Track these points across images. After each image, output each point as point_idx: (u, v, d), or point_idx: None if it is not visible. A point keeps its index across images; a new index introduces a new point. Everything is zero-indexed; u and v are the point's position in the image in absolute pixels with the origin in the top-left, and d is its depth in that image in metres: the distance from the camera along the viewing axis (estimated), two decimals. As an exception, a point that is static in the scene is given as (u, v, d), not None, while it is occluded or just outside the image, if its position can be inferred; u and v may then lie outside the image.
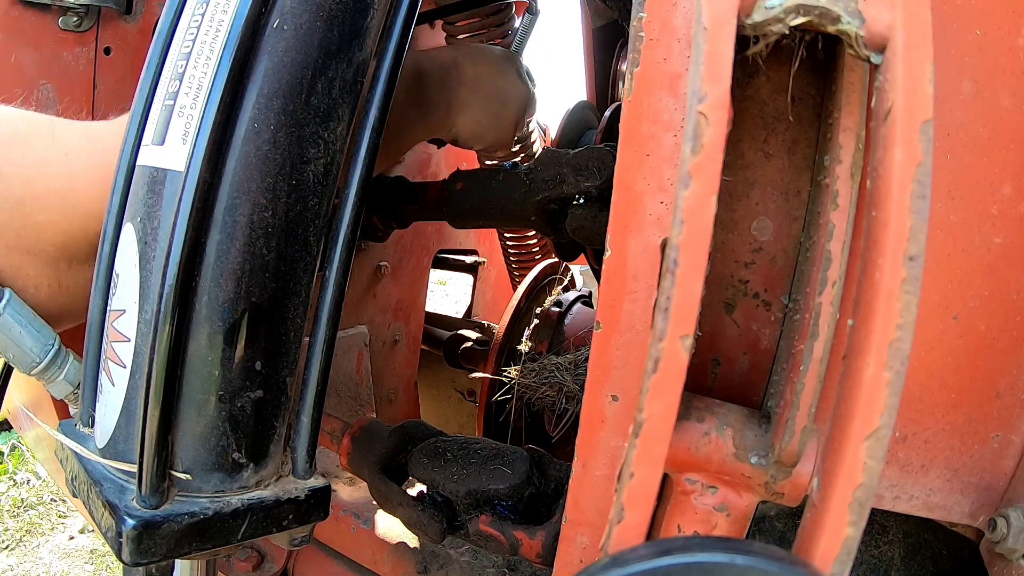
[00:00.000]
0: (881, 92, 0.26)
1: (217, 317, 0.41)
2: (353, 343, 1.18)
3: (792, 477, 0.31)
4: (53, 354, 0.52)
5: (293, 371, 0.45)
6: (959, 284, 0.40)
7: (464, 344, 1.26)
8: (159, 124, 0.42)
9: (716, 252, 0.36)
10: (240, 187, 0.41)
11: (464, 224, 0.81)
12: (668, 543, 0.24)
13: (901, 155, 0.25)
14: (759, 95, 0.35)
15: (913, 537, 0.57)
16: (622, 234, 0.38)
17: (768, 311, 0.36)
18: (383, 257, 1.22)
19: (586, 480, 0.41)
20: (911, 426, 0.42)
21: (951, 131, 0.38)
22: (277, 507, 0.45)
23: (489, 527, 0.56)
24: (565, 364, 0.98)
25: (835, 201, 0.30)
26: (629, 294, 0.38)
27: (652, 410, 0.26)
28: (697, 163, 0.25)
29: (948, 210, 0.39)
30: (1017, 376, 0.42)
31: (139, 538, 0.39)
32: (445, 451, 0.63)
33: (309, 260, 0.44)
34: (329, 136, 0.43)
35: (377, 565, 0.81)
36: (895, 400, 0.25)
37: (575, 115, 0.90)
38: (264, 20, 0.41)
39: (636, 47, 0.37)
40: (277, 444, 0.46)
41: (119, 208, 0.44)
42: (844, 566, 0.25)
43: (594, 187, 0.62)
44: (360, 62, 0.44)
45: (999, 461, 0.43)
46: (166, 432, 0.41)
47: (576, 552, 0.43)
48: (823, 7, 0.26)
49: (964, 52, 0.38)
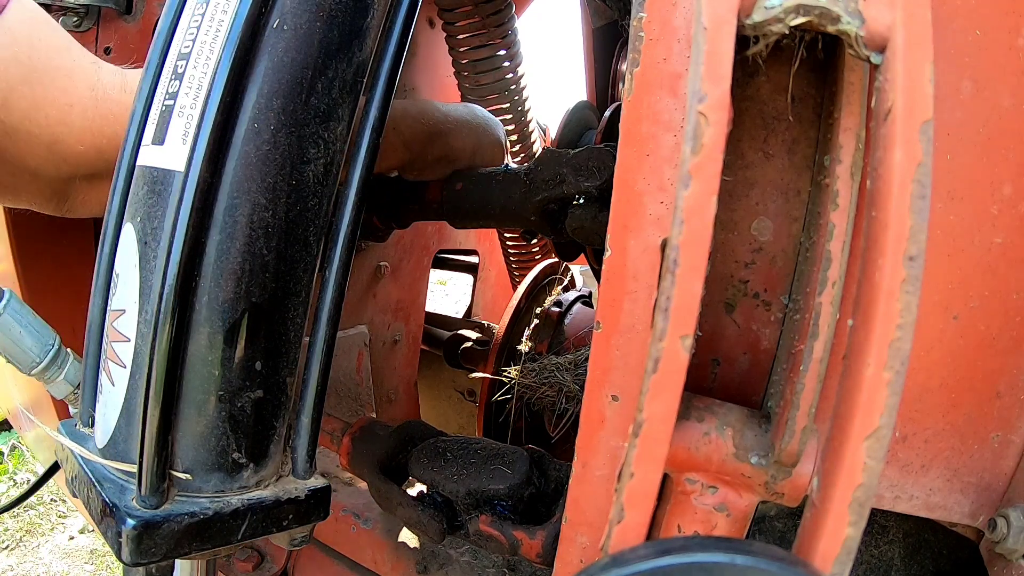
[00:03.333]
0: (881, 92, 0.26)
1: (217, 317, 0.41)
2: (353, 343, 1.18)
3: (792, 477, 0.31)
4: (53, 354, 0.52)
5: (293, 371, 0.45)
6: (959, 284, 0.40)
7: (464, 344, 1.26)
8: (159, 124, 0.42)
9: (716, 252, 0.36)
10: (240, 187, 0.41)
11: (464, 224, 0.81)
12: (668, 543, 0.24)
13: (901, 155, 0.25)
14: (759, 95, 0.35)
15: (913, 537, 0.57)
16: (622, 234, 0.38)
17: (768, 311, 0.36)
18: (383, 257, 1.22)
19: (586, 480, 0.41)
20: (911, 426, 0.41)
21: (951, 131, 0.38)
22: (277, 507, 0.45)
23: (489, 527, 0.56)
24: (565, 364, 0.98)
25: (835, 201, 0.30)
26: (629, 294, 0.38)
27: (652, 410, 0.26)
28: (697, 163, 0.25)
29: (948, 210, 0.39)
30: (1017, 376, 0.42)
31: (139, 538, 0.39)
32: (445, 451, 0.63)
33: (309, 260, 0.44)
34: (329, 136, 0.43)
35: (377, 565, 0.81)
36: (895, 400, 0.25)
37: (575, 115, 0.90)
38: (264, 20, 0.41)
39: (636, 47, 0.37)
40: (277, 444, 0.46)
41: (119, 208, 0.44)
42: (844, 566, 0.25)
43: (594, 187, 0.62)
44: (360, 62, 0.44)
45: (999, 461, 0.43)
46: (166, 432, 0.41)
47: (576, 552, 0.43)
48: (823, 7, 0.26)
49: (964, 52, 0.38)
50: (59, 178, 0.57)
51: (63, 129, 0.53)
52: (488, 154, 0.87)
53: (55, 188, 0.58)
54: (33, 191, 0.58)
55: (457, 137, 0.83)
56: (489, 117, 0.91)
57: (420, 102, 0.84)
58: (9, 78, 0.50)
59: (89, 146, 0.55)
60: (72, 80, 0.53)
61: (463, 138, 0.83)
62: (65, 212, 0.62)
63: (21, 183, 0.57)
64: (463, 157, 0.84)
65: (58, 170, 0.55)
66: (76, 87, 0.54)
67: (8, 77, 0.50)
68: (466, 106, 0.91)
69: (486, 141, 0.87)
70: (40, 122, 0.52)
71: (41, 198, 0.59)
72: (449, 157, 0.82)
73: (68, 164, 0.55)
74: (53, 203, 0.60)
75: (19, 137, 0.52)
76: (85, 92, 0.54)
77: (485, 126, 0.88)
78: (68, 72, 0.54)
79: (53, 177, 0.56)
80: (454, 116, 0.84)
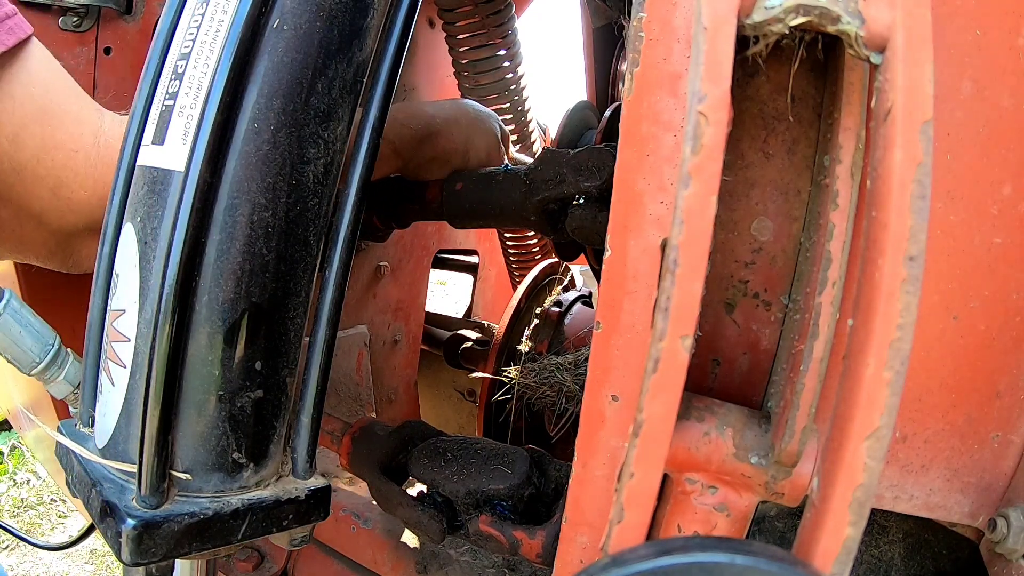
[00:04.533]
0: (881, 92, 0.26)
1: (217, 317, 0.41)
2: (353, 343, 1.18)
3: (792, 477, 0.31)
4: (53, 354, 0.52)
5: (293, 371, 0.45)
6: (959, 284, 0.40)
7: (464, 344, 1.26)
8: (159, 124, 0.42)
9: (716, 252, 0.36)
10: (240, 187, 0.41)
11: (464, 224, 0.81)
12: (668, 543, 0.24)
13: (901, 155, 0.25)
14: (759, 95, 0.35)
15: (913, 537, 0.57)
16: (622, 234, 0.38)
17: (768, 311, 0.36)
18: (383, 257, 1.22)
19: (586, 480, 0.41)
20: (911, 426, 0.42)
21: (951, 131, 0.38)
22: (277, 507, 0.45)
23: (489, 527, 0.56)
24: (565, 364, 0.98)
25: (835, 201, 0.30)
26: (629, 294, 0.38)
27: (652, 410, 0.26)
28: (697, 163, 0.25)
29: (948, 210, 0.39)
30: (1017, 376, 0.42)
31: (139, 538, 0.39)
32: (445, 451, 0.63)
33: (309, 260, 0.44)
34: (329, 136, 0.43)
35: (377, 565, 0.81)
36: (895, 400, 0.25)
37: (575, 115, 0.90)
38: (264, 20, 0.41)
39: (636, 47, 0.37)
40: (277, 444, 0.46)
41: (119, 208, 0.44)
42: (844, 566, 0.25)
43: (594, 187, 0.62)
44: (360, 62, 0.44)
45: (999, 461, 0.43)
46: (166, 432, 0.41)
47: (576, 552, 0.43)
48: (823, 7, 0.26)
49: (964, 52, 0.38)
50: (63, 229, 0.57)
51: (68, 174, 0.53)
52: (483, 149, 0.87)
53: (59, 240, 0.58)
54: (38, 242, 0.58)
55: (447, 137, 0.82)
56: (481, 110, 0.90)
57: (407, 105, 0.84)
58: (24, 115, 0.51)
59: (91, 193, 0.55)
60: (79, 126, 0.54)
61: (453, 137, 0.83)
62: (71, 267, 0.62)
63: (26, 231, 0.57)
64: (456, 156, 0.83)
65: (62, 218, 0.55)
66: (82, 133, 0.54)
67: (23, 113, 0.51)
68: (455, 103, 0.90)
69: (478, 136, 0.86)
70: (47, 164, 0.53)
71: (45, 250, 0.59)
72: (442, 158, 0.82)
73: (72, 212, 0.55)
74: (58, 257, 0.60)
75: (26, 176, 0.53)
76: (89, 139, 0.54)
77: (476, 121, 0.87)
78: (76, 117, 0.54)
79: (57, 227, 0.56)
80: (442, 116, 0.83)
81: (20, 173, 0.52)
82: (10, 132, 0.50)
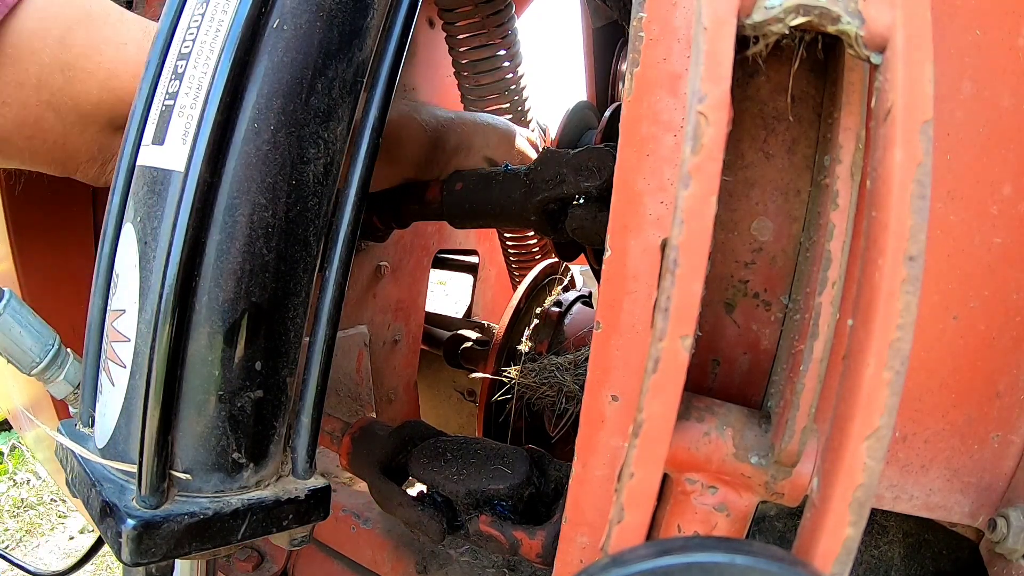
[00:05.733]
0: (881, 92, 0.26)
1: (217, 317, 0.41)
2: (353, 343, 1.18)
3: (792, 477, 0.31)
4: (53, 354, 0.52)
5: (293, 371, 0.45)
6: (959, 284, 0.40)
7: (464, 344, 1.26)
8: (159, 124, 0.42)
9: (716, 252, 0.36)
10: (240, 187, 0.41)
11: (464, 224, 0.81)
12: (668, 543, 0.24)
13: (901, 155, 0.25)
14: (759, 95, 0.35)
15: (913, 537, 0.57)
16: (622, 234, 0.38)
17: (768, 311, 0.36)
18: (383, 257, 1.22)
19: (586, 480, 0.41)
20: (911, 426, 0.42)
21: (951, 131, 0.38)
22: (277, 507, 0.45)
23: (489, 527, 0.56)
24: (565, 364, 0.98)
25: (835, 201, 0.30)
26: (629, 294, 0.38)
27: (652, 410, 0.26)
28: (697, 163, 0.25)
29: (948, 210, 0.39)
30: (1017, 376, 0.42)
31: (139, 538, 0.39)
32: (445, 451, 0.63)
33: (309, 260, 0.44)
34: (329, 136, 0.43)
35: (377, 565, 0.81)
36: (895, 400, 0.25)
37: (575, 115, 0.90)
38: (264, 20, 0.41)
39: (636, 47, 0.37)
40: (277, 444, 0.46)
41: (119, 208, 0.44)
42: (844, 566, 0.25)
43: (594, 187, 0.62)
44: (360, 62, 0.44)
45: (999, 461, 0.43)
46: (166, 432, 0.41)
47: (576, 552, 0.43)
48: (823, 7, 0.26)
49: (964, 52, 0.38)
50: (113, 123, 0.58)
51: (119, 65, 0.55)
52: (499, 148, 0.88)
53: (101, 145, 0.59)
54: (81, 147, 0.59)
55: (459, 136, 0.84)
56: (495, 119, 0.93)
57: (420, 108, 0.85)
58: (67, 18, 0.53)
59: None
60: (124, 22, 0.56)
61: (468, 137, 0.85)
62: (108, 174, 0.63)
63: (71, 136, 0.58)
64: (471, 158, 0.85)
65: (112, 110, 0.57)
66: (129, 28, 0.56)
67: (66, 17, 0.53)
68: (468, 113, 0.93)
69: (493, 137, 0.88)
70: (96, 59, 0.55)
71: (87, 155, 0.60)
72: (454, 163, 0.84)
73: (123, 103, 0.56)
74: (98, 162, 0.61)
75: (75, 75, 0.54)
76: (137, 33, 0.56)
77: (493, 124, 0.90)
78: (120, 15, 0.57)
79: (107, 121, 0.58)
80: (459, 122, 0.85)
81: (68, 72, 0.54)
82: (57, 34, 0.53)
